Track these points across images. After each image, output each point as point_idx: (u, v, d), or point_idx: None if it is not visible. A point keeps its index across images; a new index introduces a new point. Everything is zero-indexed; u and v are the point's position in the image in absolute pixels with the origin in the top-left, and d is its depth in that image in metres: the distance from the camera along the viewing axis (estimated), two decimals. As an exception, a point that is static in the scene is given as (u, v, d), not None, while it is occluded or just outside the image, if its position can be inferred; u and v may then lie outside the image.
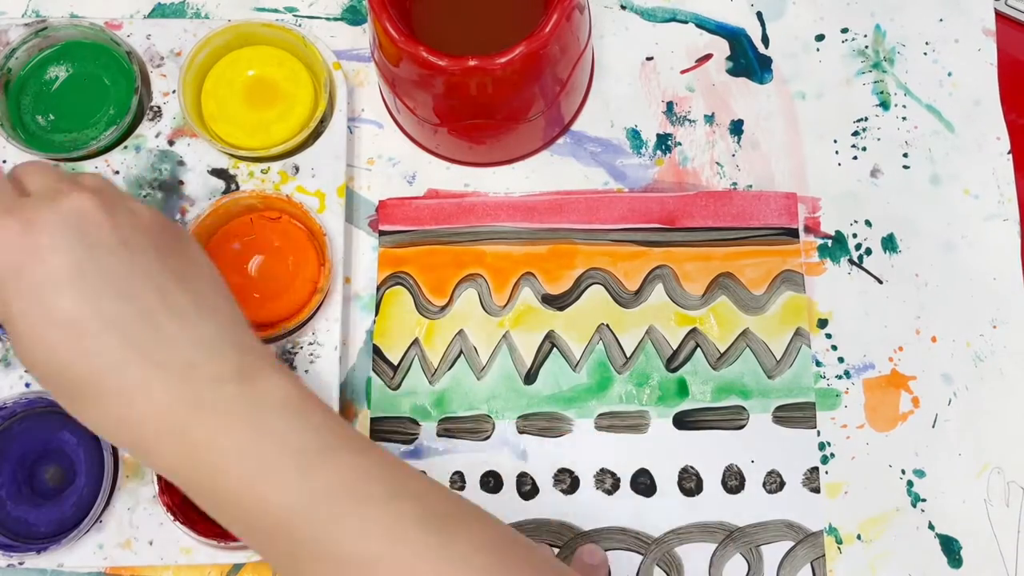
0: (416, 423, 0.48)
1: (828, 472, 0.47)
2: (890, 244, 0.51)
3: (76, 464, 0.46)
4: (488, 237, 0.50)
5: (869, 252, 0.51)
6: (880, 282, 0.50)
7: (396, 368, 0.49)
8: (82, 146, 0.49)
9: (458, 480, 0.47)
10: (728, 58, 0.54)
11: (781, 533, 0.46)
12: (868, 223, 0.51)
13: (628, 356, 0.49)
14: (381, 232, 0.51)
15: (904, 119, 0.53)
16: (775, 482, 0.47)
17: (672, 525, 0.47)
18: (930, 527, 0.47)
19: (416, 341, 0.49)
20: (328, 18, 0.55)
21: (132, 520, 0.45)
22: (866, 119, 0.53)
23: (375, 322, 0.49)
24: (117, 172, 0.50)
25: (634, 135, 0.53)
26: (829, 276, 0.50)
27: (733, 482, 0.47)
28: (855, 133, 0.53)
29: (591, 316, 0.49)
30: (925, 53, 0.54)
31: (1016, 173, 0.52)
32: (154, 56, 0.52)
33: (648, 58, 0.54)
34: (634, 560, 0.46)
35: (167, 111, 0.51)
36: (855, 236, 0.51)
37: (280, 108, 0.50)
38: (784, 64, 0.54)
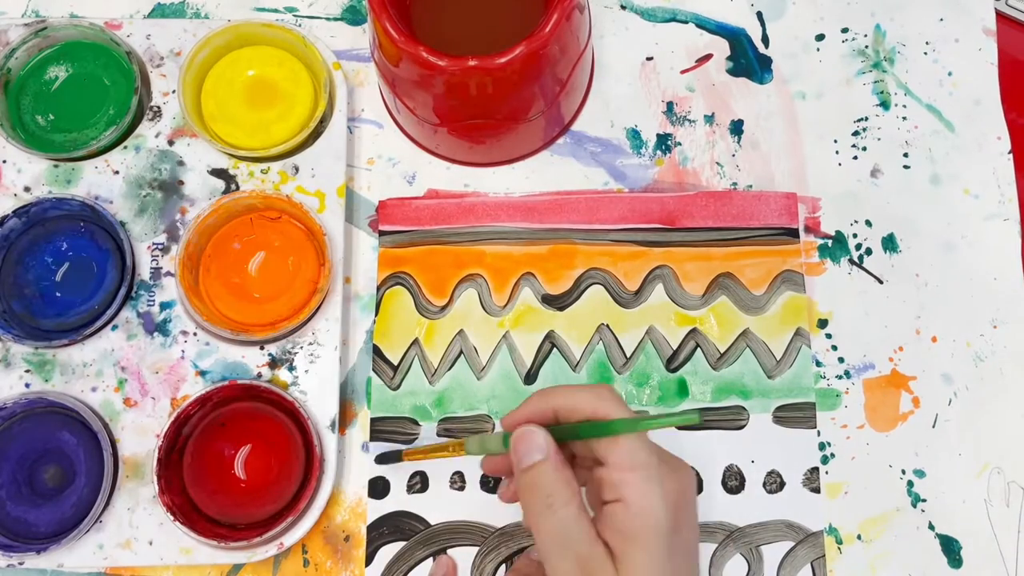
0: (416, 423, 0.48)
1: (828, 472, 0.47)
2: (890, 244, 0.51)
3: (76, 464, 0.46)
4: (488, 237, 0.50)
5: (869, 252, 0.51)
6: (880, 282, 0.50)
7: (396, 368, 0.49)
8: (82, 146, 0.49)
9: (458, 480, 0.47)
10: (728, 58, 0.54)
11: (781, 533, 0.46)
12: (868, 223, 0.51)
13: (628, 356, 0.49)
14: (381, 232, 0.51)
15: (904, 119, 0.53)
16: (775, 482, 0.47)
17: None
18: (930, 527, 0.47)
19: (416, 341, 0.49)
20: (328, 18, 0.55)
21: (132, 520, 0.45)
22: (866, 119, 0.53)
23: (375, 322, 0.49)
24: (117, 172, 0.50)
25: (634, 135, 0.53)
26: (829, 276, 0.50)
27: (733, 482, 0.47)
28: (855, 133, 0.52)
29: (591, 316, 0.49)
30: (925, 53, 0.54)
31: (1016, 173, 0.52)
32: (154, 56, 0.52)
33: (648, 58, 0.54)
34: (634, 560, 0.46)
35: (167, 111, 0.51)
36: (855, 236, 0.51)
37: (280, 108, 0.50)
38: (784, 64, 0.54)
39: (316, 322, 0.48)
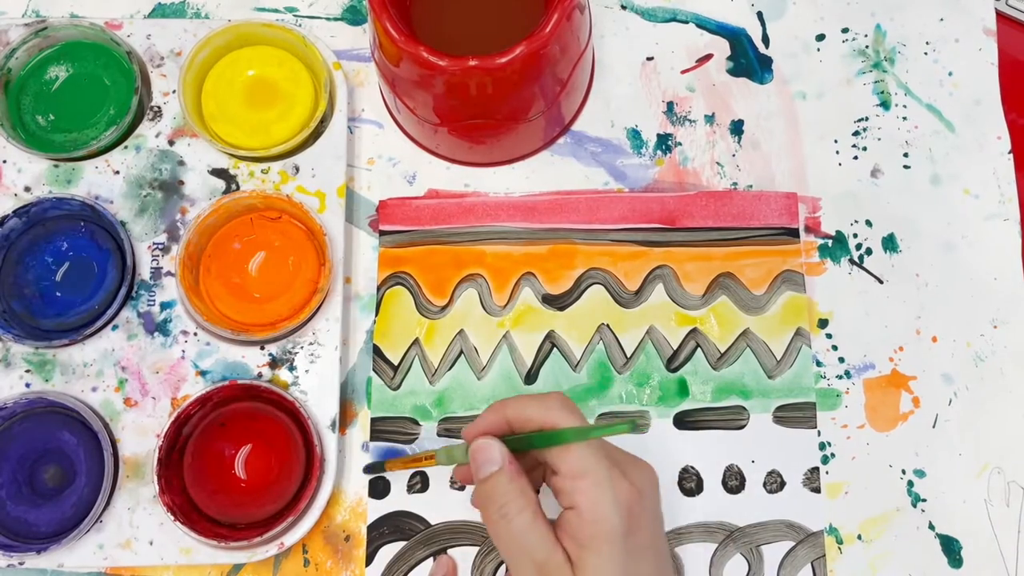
0: (416, 423, 0.48)
1: (828, 472, 0.47)
2: (890, 244, 0.51)
3: (76, 464, 0.46)
4: (488, 237, 0.50)
5: (869, 252, 0.51)
6: (880, 282, 0.50)
7: (396, 368, 0.49)
8: (82, 146, 0.49)
9: (458, 480, 0.47)
10: (728, 58, 0.54)
11: (781, 533, 0.46)
12: (868, 223, 0.51)
13: (628, 356, 0.49)
14: (381, 232, 0.51)
15: (904, 119, 0.53)
16: (775, 482, 0.47)
17: (672, 525, 0.47)
18: (930, 527, 0.47)
19: (416, 341, 0.49)
20: (328, 18, 0.55)
21: (132, 520, 0.45)
22: (866, 119, 0.53)
23: (375, 322, 0.49)
24: (117, 172, 0.50)
25: (634, 135, 0.53)
26: (829, 276, 0.50)
27: (733, 482, 0.47)
28: (855, 133, 0.52)
29: (591, 316, 0.49)
30: (926, 53, 0.54)
31: (1017, 173, 0.52)
32: (154, 56, 0.52)
33: (648, 58, 0.54)
34: (634, 560, 0.46)
35: (167, 111, 0.51)
36: (855, 236, 0.51)
37: (280, 108, 0.50)
38: (784, 64, 0.54)
39: (316, 322, 0.48)
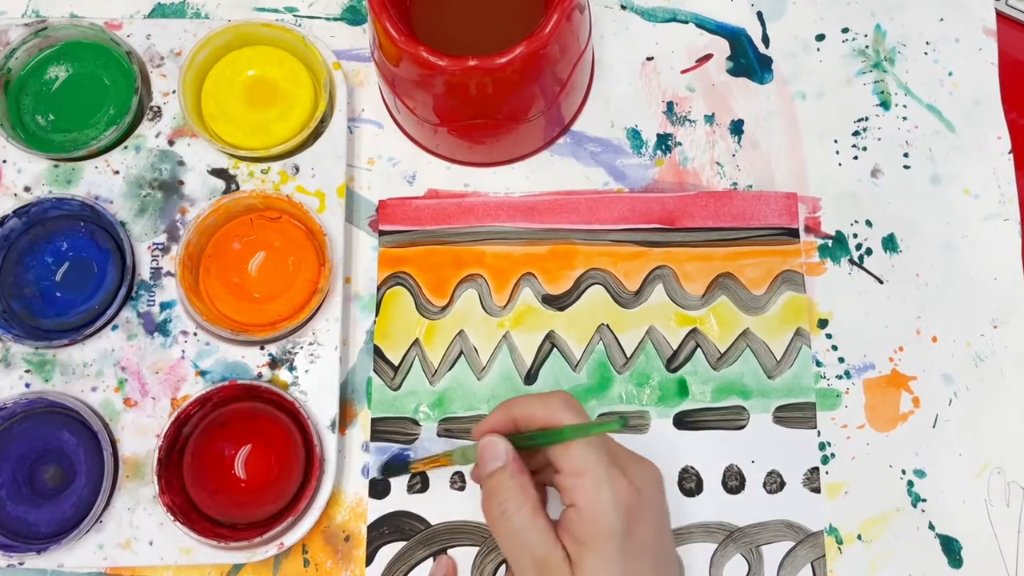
0: (416, 423, 0.48)
1: (828, 472, 0.47)
2: (890, 244, 0.51)
3: (76, 464, 0.46)
4: (488, 237, 0.50)
5: (869, 252, 0.51)
6: (880, 282, 0.50)
7: (397, 368, 0.49)
8: (82, 146, 0.49)
9: (458, 480, 0.47)
10: (728, 58, 0.54)
11: (781, 533, 0.46)
12: (868, 223, 0.51)
13: (628, 356, 0.49)
14: (381, 232, 0.51)
15: (904, 119, 0.53)
16: (775, 482, 0.47)
17: (672, 525, 0.46)
18: (930, 527, 0.47)
19: (416, 341, 0.49)
20: (328, 18, 0.55)
21: (132, 520, 0.45)
22: (866, 119, 0.53)
23: (375, 322, 0.49)
24: (117, 172, 0.50)
25: (634, 135, 0.53)
26: (829, 276, 0.50)
27: (733, 482, 0.47)
28: (855, 133, 0.52)
29: (591, 316, 0.49)
30: (926, 53, 0.54)
31: (1017, 173, 0.52)
32: (154, 56, 0.52)
33: (648, 58, 0.54)
34: (634, 560, 0.46)
35: (167, 111, 0.51)
36: (855, 236, 0.51)
37: (280, 108, 0.50)
38: (784, 64, 0.54)
39: (316, 322, 0.48)
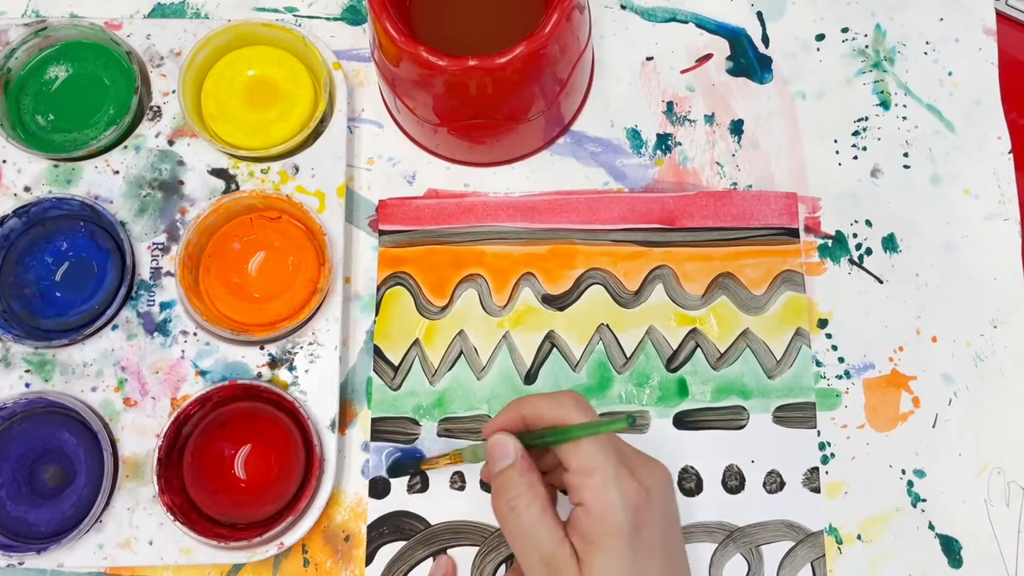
0: (416, 423, 0.48)
1: (828, 472, 0.47)
2: (890, 244, 0.51)
3: (76, 464, 0.46)
4: (488, 237, 0.50)
5: (869, 252, 0.51)
6: (880, 282, 0.50)
7: (397, 368, 0.49)
8: (82, 146, 0.49)
9: (458, 480, 0.47)
10: (728, 58, 0.54)
11: (781, 533, 0.46)
12: (868, 223, 0.51)
13: (628, 356, 0.49)
14: (381, 232, 0.51)
15: (904, 119, 0.53)
16: (775, 482, 0.47)
17: (672, 525, 0.47)
18: (930, 527, 0.47)
19: (416, 341, 0.49)
20: (328, 18, 0.55)
21: (132, 520, 0.45)
22: (866, 119, 0.53)
23: (375, 322, 0.49)
24: (117, 172, 0.50)
25: (634, 135, 0.53)
26: (829, 276, 0.50)
27: (733, 482, 0.47)
28: (855, 133, 0.52)
29: (591, 316, 0.49)
30: (925, 53, 0.54)
31: (1017, 173, 0.52)
32: (154, 56, 0.52)
33: (648, 58, 0.54)
34: (634, 560, 0.46)
35: (167, 111, 0.51)
36: (855, 236, 0.51)
37: (280, 108, 0.50)
38: (784, 64, 0.54)
39: (316, 322, 0.48)
